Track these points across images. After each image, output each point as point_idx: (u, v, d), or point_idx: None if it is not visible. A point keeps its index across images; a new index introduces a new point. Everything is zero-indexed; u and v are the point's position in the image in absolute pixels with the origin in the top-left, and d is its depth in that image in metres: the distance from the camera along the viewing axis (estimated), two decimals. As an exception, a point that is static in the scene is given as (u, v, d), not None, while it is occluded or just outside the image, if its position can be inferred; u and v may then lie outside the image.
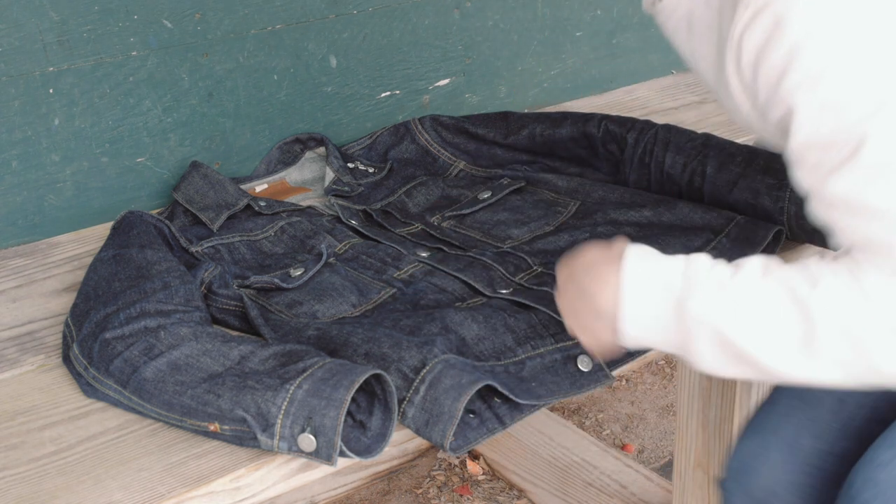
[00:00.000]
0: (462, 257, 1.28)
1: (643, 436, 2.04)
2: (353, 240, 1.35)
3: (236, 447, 0.97)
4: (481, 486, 1.90)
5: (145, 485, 0.93)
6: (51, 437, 1.00)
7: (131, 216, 1.29)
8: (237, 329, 1.15)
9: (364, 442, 0.96)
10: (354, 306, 1.19)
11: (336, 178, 1.49)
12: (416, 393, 0.98)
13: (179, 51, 1.46)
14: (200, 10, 1.46)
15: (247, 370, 0.99)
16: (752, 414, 1.30)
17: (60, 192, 1.43)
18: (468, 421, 1.00)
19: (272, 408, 0.93)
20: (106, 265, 1.18)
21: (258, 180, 1.53)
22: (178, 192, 1.43)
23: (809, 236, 1.28)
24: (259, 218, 1.39)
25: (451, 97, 1.76)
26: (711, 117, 1.78)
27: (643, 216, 1.31)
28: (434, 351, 1.01)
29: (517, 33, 1.81)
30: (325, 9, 1.57)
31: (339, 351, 1.05)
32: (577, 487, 1.76)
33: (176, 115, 1.49)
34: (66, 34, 1.36)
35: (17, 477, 0.94)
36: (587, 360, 1.09)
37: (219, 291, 1.18)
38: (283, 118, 1.59)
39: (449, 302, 1.19)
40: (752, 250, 1.21)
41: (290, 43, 1.56)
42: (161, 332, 1.04)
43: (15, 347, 1.17)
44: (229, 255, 1.31)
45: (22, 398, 1.07)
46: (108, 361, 1.03)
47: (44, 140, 1.39)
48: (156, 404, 1.00)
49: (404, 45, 1.68)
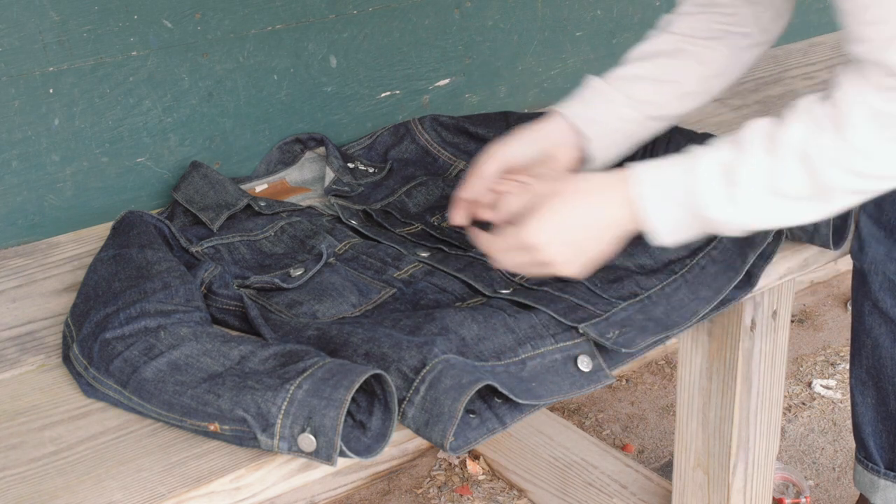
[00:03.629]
0: (462, 257, 1.28)
1: (643, 436, 2.04)
2: (353, 240, 1.35)
3: (236, 447, 0.97)
4: (481, 486, 1.90)
5: (145, 485, 0.93)
6: (51, 437, 1.00)
7: (131, 216, 1.29)
8: (237, 329, 1.15)
9: (364, 442, 0.96)
10: (354, 306, 1.19)
11: (336, 178, 1.49)
12: (416, 393, 0.98)
13: (179, 51, 1.46)
14: (200, 10, 1.46)
15: (247, 370, 0.99)
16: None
17: (60, 192, 1.43)
18: (468, 421, 1.00)
19: (272, 408, 0.93)
20: (106, 265, 1.18)
21: (258, 180, 1.53)
22: (178, 192, 1.43)
23: (809, 236, 1.28)
24: (259, 218, 1.39)
25: (451, 97, 1.76)
26: (711, 117, 1.78)
27: (643, 216, 1.31)
28: (434, 351, 1.01)
29: (517, 33, 1.81)
30: (325, 9, 1.57)
31: (339, 351, 1.05)
32: (577, 487, 1.76)
33: (176, 115, 1.48)
34: (66, 34, 1.36)
35: (17, 477, 0.94)
36: (587, 360, 1.09)
37: (219, 291, 1.18)
38: (283, 118, 1.58)
39: (449, 302, 1.19)
40: (752, 250, 1.21)
41: (290, 43, 1.56)
42: (161, 332, 1.04)
43: (15, 347, 1.17)
44: (229, 255, 1.31)
45: (22, 398, 1.07)
46: (108, 361, 1.03)
47: (44, 140, 1.39)
48: (156, 404, 1.00)
49: (404, 45, 1.67)
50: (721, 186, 1.04)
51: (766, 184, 1.03)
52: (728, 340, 1.39)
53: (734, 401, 1.40)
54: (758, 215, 1.06)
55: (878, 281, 1.33)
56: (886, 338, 1.36)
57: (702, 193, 1.05)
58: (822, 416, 2.08)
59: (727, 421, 1.42)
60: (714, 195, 1.05)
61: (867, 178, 1.01)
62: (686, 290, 1.20)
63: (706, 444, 1.47)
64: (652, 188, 1.07)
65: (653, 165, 1.09)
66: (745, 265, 1.21)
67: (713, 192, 1.05)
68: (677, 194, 1.06)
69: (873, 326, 1.37)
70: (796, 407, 2.10)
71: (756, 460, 1.47)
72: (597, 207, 1.10)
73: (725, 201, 1.05)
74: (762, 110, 1.82)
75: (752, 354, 1.39)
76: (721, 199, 1.05)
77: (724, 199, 1.05)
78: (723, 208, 1.05)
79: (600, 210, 1.09)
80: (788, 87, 1.94)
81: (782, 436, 2.01)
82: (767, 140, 1.04)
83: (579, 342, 1.11)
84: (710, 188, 1.05)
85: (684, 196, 1.06)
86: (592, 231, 1.10)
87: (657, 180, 1.08)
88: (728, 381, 1.40)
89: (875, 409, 1.43)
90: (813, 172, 1.01)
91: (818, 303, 2.44)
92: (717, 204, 1.05)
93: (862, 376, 1.42)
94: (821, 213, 1.07)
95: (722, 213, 1.05)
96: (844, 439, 2.00)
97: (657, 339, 1.14)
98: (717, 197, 1.05)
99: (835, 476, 1.92)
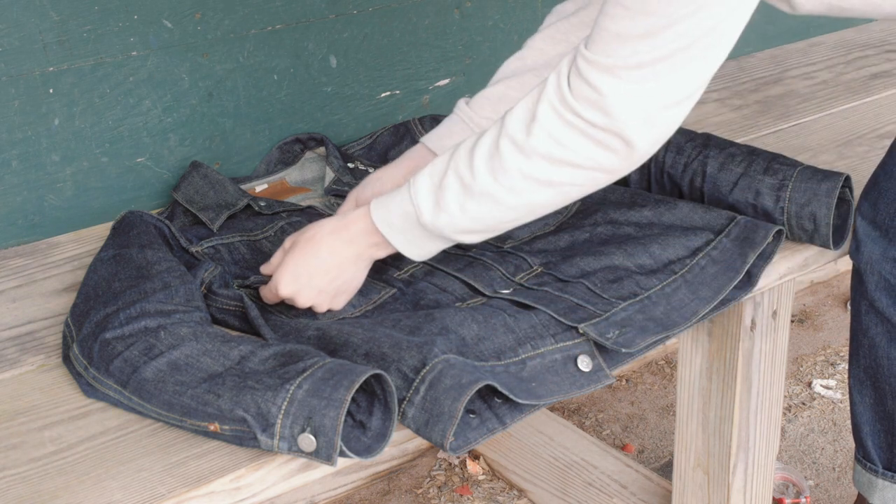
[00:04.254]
0: (462, 257, 1.28)
1: (643, 436, 2.04)
2: (353, 240, 1.35)
3: (236, 447, 0.97)
4: (481, 486, 1.90)
5: (145, 485, 0.93)
6: (51, 437, 1.00)
7: (131, 216, 1.29)
8: (237, 329, 1.15)
9: (364, 442, 0.96)
10: (354, 306, 1.19)
11: (336, 178, 1.49)
12: (416, 393, 0.98)
13: (179, 51, 1.46)
14: (200, 10, 1.46)
15: (247, 370, 0.99)
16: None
17: (60, 192, 1.43)
18: (468, 421, 1.00)
19: (272, 408, 0.93)
20: (106, 265, 1.18)
21: (258, 180, 1.53)
22: (178, 192, 1.43)
23: (809, 236, 1.28)
24: (259, 218, 1.39)
25: (451, 97, 1.76)
26: (711, 117, 1.78)
27: (643, 216, 1.31)
28: (434, 351, 1.01)
29: (517, 33, 1.80)
30: (325, 9, 1.57)
31: (339, 351, 1.05)
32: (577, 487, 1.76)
33: (176, 115, 1.49)
34: (66, 34, 1.36)
35: (17, 477, 0.94)
36: (587, 360, 1.09)
37: (219, 291, 1.18)
38: (283, 118, 1.58)
39: (449, 302, 1.19)
40: (752, 250, 1.21)
41: (290, 43, 1.56)
42: (161, 332, 1.04)
43: (15, 347, 1.17)
44: (229, 255, 1.31)
45: (22, 398, 1.07)
46: (108, 361, 1.03)
47: (44, 140, 1.39)
48: (156, 404, 1.00)
49: (404, 45, 1.68)
50: (429, 194, 1.10)
51: (462, 185, 1.09)
52: (728, 340, 1.39)
53: (734, 401, 1.40)
54: (468, 218, 1.10)
55: (873, 281, 1.33)
56: (883, 338, 1.36)
57: (417, 204, 1.10)
58: (822, 416, 2.08)
59: (727, 421, 1.42)
60: (425, 203, 1.10)
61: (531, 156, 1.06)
62: (686, 290, 1.20)
63: (706, 444, 1.47)
64: (383, 212, 1.13)
65: (384, 196, 1.15)
66: (745, 265, 1.21)
67: (424, 201, 1.10)
68: (401, 211, 1.12)
69: (870, 326, 1.37)
70: (796, 407, 2.10)
71: (756, 460, 1.47)
72: (341, 245, 1.15)
73: (433, 207, 1.10)
74: (762, 110, 1.82)
75: (752, 354, 1.39)
76: (430, 206, 1.10)
77: (432, 206, 1.10)
78: (435, 215, 1.10)
79: (345, 247, 1.15)
80: (788, 87, 1.94)
81: (782, 436, 2.01)
82: (465, 147, 1.10)
83: (579, 342, 1.11)
84: (422, 197, 1.10)
85: (404, 211, 1.12)
86: (341, 270, 1.16)
87: (384, 202, 1.13)
88: (728, 381, 1.40)
89: (873, 409, 1.43)
90: (486, 159, 1.07)
91: (818, 303, 2.44)
92: (428, 211, 1.10)
93: (860, 376, 1.42)
94: (517, 209, 1.11)
95: (435, 218, 1.10)
96: (844, 439, 2.00)
97: (657, 339, 1.14)
98: (427, 205, 1.10)
99: (835, 476, 1.92)
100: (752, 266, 1.23)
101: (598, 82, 1.02)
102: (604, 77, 1.01)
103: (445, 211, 1.10)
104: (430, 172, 1.12)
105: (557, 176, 1.07)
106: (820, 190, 1.26)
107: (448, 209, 1.10)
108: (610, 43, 1.01)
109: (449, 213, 1.10)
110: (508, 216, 1.11)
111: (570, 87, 1.04)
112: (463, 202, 1.09)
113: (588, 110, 1.03)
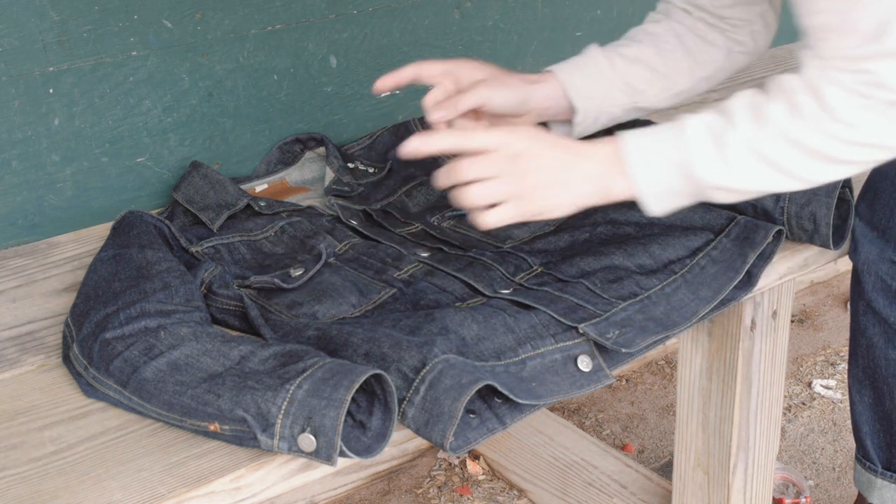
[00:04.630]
0: (462, 257, 1.28)
1: (643, 436, 2.04)
2: (354, 240, 1.35)
3: (236, 447, 0.97)
4: (481, 486, 1.90)
5: (145, 485, 0.93)
6: (51, 437, 1.00)
7: (131, 216, 1.29)
8: (237, 329, 1.15)
9: (364, 442, 0.96)
10: (354, 306, 1.19)
11: (336, 178, 1.49)
12: (416, 393, 0.98)
13: (179, 51, 1.46)
14: (200, 10, 1.46)
15: (247, 370, 0.99)
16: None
17: (60, 192, 1.43)
18: (468, 421, 1.00)
19: (272, 408, 0.93)
20: (106, 265, 1.18)
21: (258, 180, 1.53)
22: (178, 192, 1.43)
23: (809, 236, 1.28)
24: (259, 218, 1.39)
25: (451, 97, 1.75)
26: (711, 117, 1.78)
27: (643, 216, 1.31)
28: (434, 351, 1.01)
29: (517, 33, 1.80)
30: (325, 9, 1.57)
31: (339, 351, 1.05)
32: (577, 487, 1.76)
33: (176, 115, 1.49)
34: (66, 34, 1.36)
35: (17, 477, 0.94)
36: (587, 360, 1.09)
37: (219, 291, 1.18)
38: (283, 118, 1.58)
39: (449, 302, 1.19)
40: (752, 250, 1.21)
41: (290, 43, 1.56)
42: (161, 332, 1.04)
43: (15, 347, 1.17)
44: (229, 255, 1.31)
45: (22, 398, 1.07)
46: (108, 361, 1.03)
47: (44, 140, 1.39)
48: (156, 404, 1.00)
49: (404, 45, 1.67)
50: (710, 146, 1.04)
51: (753, 148, 1.04)
52: (728, 340, 1.39)
53: (734, 401, 1.40)
54: (747, 178, 1.06)
55: (870, 281, 1.33)
56: (880, 338, 1.36)
57: (691, 152, 1.05)
58: (822, 416, 2.08)
59: (727, 421, 1.42)
60: (703, 153, 1.04)
61: (853, 146, 1.02)
62: (686, 290, 1.20)
63: (706, 444, 1.47)
64: (639, 149, 1.07)
65: (638, 131, 1.09)
66: (745, 265, 1.21)
67: (702, 150, 1.04)
68: (665, 154, 1.06)
69: (867, 326, 1.37)
70: (796, 407, 2.10)
71: (756, 460, 1.47)
72: (580, 156, 1.08)
73: (715, 159, 1.04)
74: (762, 110, 1.82)
75: (752, 354, 1.39)
76: (711, 157, 1.04)
77: (713, 157, 1.04)
78: (712, 165, 1.04)
79: (584, 159, 1.08)
80: (788, 87, 1.94)
81: (782, 436, 2.01)
82: (752, 110, 1.04)
83: (579, 342, 1.11)
84: (699, 147, 1.05)
85: (673, 154, 1.05)
86: (573, 172, 1.08)
87: (644, 142, 1.07)
88: (728, 381, 1.40)
89: (872, 409, 1.43)
90: (797, 143, 1.02)
91: (818, 303, 2.45)
92: (706, 161, 1.04)
93: (859, 376, 1.42)
94: (806, 182, 1.07)
95: (711, 170, 1.05)
96: (844, 439, 2.00)
97: (657, 339, 1.14)
98: (707, 155, 1.04)
99: (835, 476, 1.92)
100: (752, 266, 1.23)
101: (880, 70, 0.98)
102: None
103: (726, 162, 1.05)
104: (704, 123, 1.06)
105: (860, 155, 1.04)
106: (820, 190, 1.26)
107: (731, 163, 1.05)
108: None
109: (730, 166, 1.05)
110: (794, 185, 1.08)
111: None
112: (751, 164, 1.04)
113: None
